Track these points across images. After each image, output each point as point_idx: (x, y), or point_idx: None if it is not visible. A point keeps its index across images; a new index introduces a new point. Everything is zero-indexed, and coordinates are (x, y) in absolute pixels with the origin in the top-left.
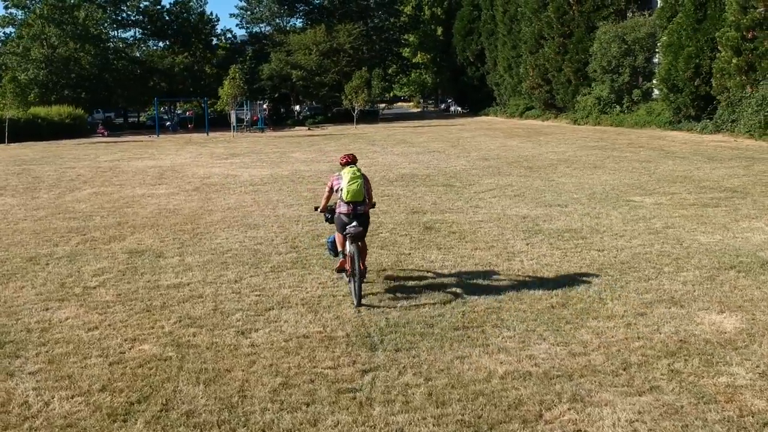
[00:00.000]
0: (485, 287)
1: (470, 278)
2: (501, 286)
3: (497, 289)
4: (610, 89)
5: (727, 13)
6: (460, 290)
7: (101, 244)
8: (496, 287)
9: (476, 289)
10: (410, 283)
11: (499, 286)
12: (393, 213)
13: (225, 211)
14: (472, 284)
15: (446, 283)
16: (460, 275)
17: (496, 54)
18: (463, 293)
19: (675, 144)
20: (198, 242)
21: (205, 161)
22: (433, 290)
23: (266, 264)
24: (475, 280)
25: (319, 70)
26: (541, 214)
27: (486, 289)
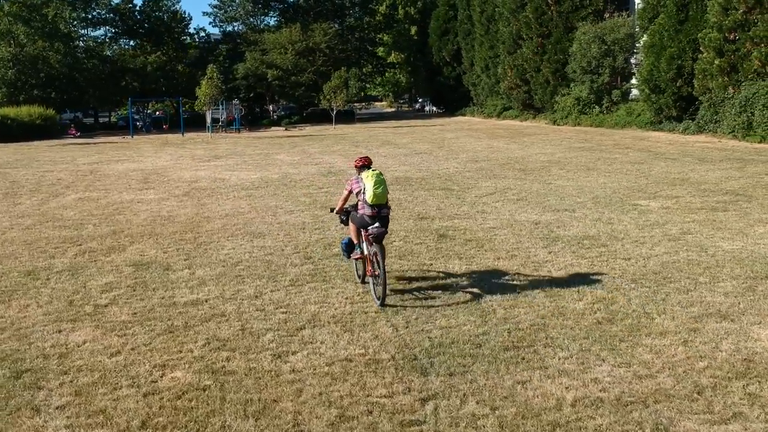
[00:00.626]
0: (521, 301)
1: (501, 291)
2: (537, 300)
3: (534, 303)
4: (590, 90)
5: (709, 14)
6: (494, 304)
7: (101, 256)
8: (533, 301)
9: (512, 303)
10: (439, 296)
11: (535, 299)
12: (400, 219)
13: (223, 218)
14: (506, 298)
15: (477, 295)
16: (489, 287)
17: (473, 54)
18: (499, 308)
19: (660, 145)
20: (204, 253)
21: (187, 164)
22: (465, 304)
23: (284, 277)
24: (506, 293)
25: (295, 69)
26: (552, 219)
27: (522, 304)
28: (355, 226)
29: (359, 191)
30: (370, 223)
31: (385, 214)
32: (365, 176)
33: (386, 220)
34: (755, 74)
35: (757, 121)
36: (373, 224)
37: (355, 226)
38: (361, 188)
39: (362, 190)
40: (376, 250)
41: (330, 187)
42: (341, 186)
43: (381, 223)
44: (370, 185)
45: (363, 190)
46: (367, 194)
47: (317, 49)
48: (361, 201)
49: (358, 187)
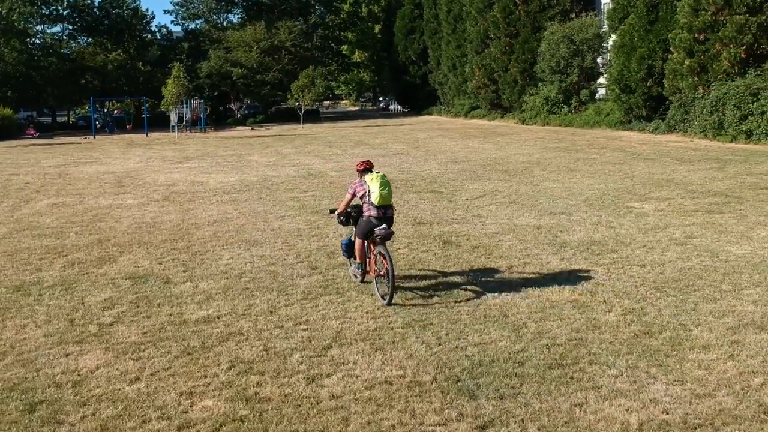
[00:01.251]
0: (550, 314)
1: (525, 302)
2: (566, 312)
3: (564, 315)
4: (559, 89)
5: (679, 15)
6: (523, 317)
7: (92, 268)
8: (561, 313)
9: (541, 315)
10: (462, 307)
11: (563, 311)
12: (397, 224)
13: (212, 225)
14: (533, 310)
15: (502, 307)
16: (512, 298)
17: (439, 53)
18: (529, 321)
19: (634, 145)
20: (202, 263)
21: (159, 166)
22: (494, 318)
23: (294, 290)
24: (532, 304)
25: (260, 68)
26: (552, 223)
27: (552, 316)
28: (361, 242)
29: (364, 194)
30: (376, 224)
31: (390, 215)
32: (369, 179)
33: (391, 220)
34: (725, 75)
35: (728, 121)
36: (379, 225)
37: (361, 242)
38: (365, 191)
39: (367, 192)
40: (382, 250)
41: (315, 190)
42: (326, 189)
43: (387, 224)
44: (376, 187)
45: (368, 192)
46: (373, 196)
47: (282, 47)
48: (366, 203)
49: (362, 190)
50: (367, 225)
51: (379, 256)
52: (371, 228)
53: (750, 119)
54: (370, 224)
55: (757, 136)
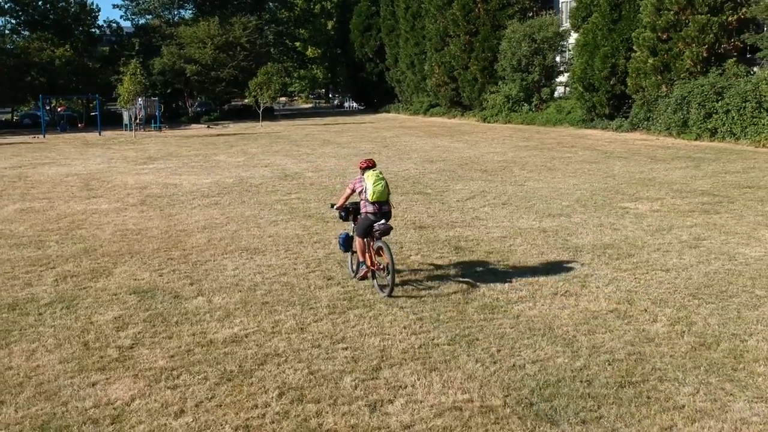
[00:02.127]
0: (596, 325)
1: (566, 312)
2: (611, 323)
3: (611, 326)
4: (520, 87)
5: (642, 14)
6: (570, 330)
7: (88, 281)
8: (607, 324)
9: (588, 327)
10: (500, 320)
11: (608, 322)
12: (397, 227)
13: (203, 232)
14: (577, 321)
15: (542, 318)
16: (550, 309)
17: (397, 51)
18: (578, 334)
19: (602, 143)
20: (207, 275)
21: (124, 167)
22: (540, 331)
23: (317, 303)
24: (573, 315)
25: (214, 64)
26: (555, 226)
27: (600, 329)
28: (362, 242)
29: (361, 190)
30: (374, 220)
31: (387, 210)
32: (367, 176)
33: (389, 215)
34: (687, 73)
35: (692, 119)
36: (377, 221)
37: (362, 242)
38: (363, 187)
39: (364, 188)
40: (381, 244)
41: (297, 193)
42: (308, 191)
43: (385, 219)
44: (371, 183)
45: (365, 189)
46: (368, 192)
47: (237, 43)
48: (363, 200)
49: (360, 186)
50: (365, 222)
51: (379, 250)
52: (370, 224)
53: (714, 117)
54: (368, 220)
55: (721, 134)
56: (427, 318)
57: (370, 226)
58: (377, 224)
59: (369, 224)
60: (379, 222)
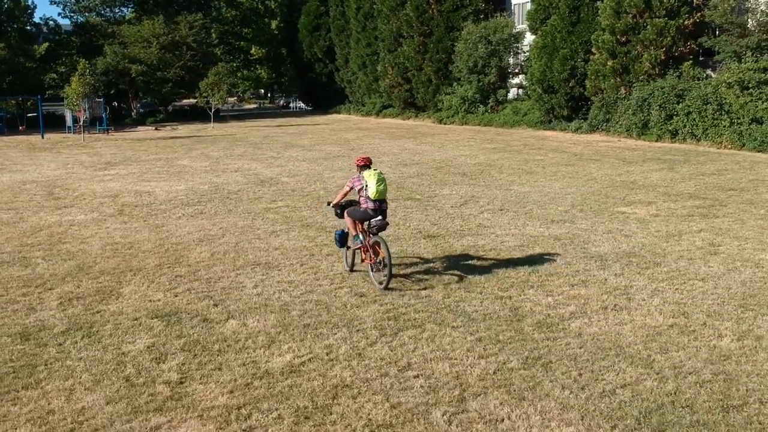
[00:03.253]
0: (666, 343)
1: (629, 328)
2: (676, 338)
3: (679, 343)
4: (476, 89)
5: (601, 17)
6: (640, 347)
7: (97, 304)
8: (674, 341)
9: (659, 345)
10: (569, 341)
11: (673, 338)
12: (405, 237)
13: (201, 245)
14: (644, 339)
15: (606, 336)
16: (608, 325)
17: (348, 51)
18: (650, 352)
19: (567, 144)
20: (227, 294)
21: (83, 173)
22: (612, 351)
23: (362, 324)
24: (635, 331)
25: (160, 64)
26: (565, 233)
27: (671, 346)
28: (352, 219)
29: (361, 188)
30: (372, 216)
31: (385, 208)
32: (367, 175)
33: (385, 213)
34: (646, 76)
35: (653, 121)
36: (375, 217)
37: (352, 219)
38: (362, 185)
39: (364, 186)
40: (378, 240)
41: (283, 200)
42: (293, 198)
43: (382, 216)
44: (373, 182)
45: (365, 187)
46: (370, 190)
47: (183, 43)
48: (363, 197)
49: (360, 184)
50: (362, 213)
51: (376, 245)
52: (366, 216)
53: (675, 119)
54: (367, 214)
55: (682, 135)
56: (486, 338)
57: (365, 218)
58: (374, 220)
59: (365, 216)
60: (376, 218)
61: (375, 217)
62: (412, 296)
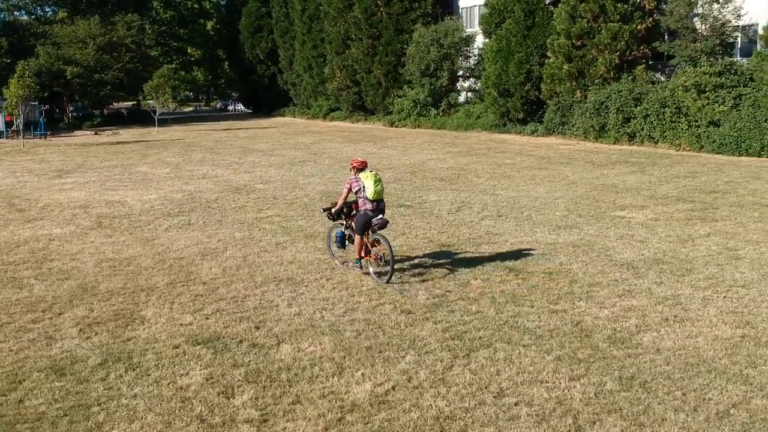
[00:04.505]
0: (749, 356)
1: (698, 342)
2: (763, 353)
3: (762, 357)
4: (429, 92)
5: (556, 21)
6: (726, 362)
7: (123, 330)
8: (759, 354)
9: (743, 359)
10: (653, 357)
11: (756, 350)
12: (420, 247)
13: (205, 260)
14: (721, 352)
15: (684, 350)
16: (678, 338)
17: (292, 53)
18: (742, 368)
19: (529, 147)
20: (263, 314)
21: (37, 181)
22: (699, 366)
23: (425, 345)
24: (713, 345)
25: (97, 66)
26: (579, 240)
27: (756, 359)
28: (361, 240)
29: (359, 189)
30: (372, 216)
31: (383, 207)
32: (364, 176)
33: (384, 211)
34: (601, 79)
35: (611, 124)
36: (375, 217)
37: (361, 240)
38: (360, 186)
39: (362, 188)
40: (379, 237)
41: (270, 208)
42: (279, 206)
43: (381, 214)
44: (371, 183)
45: (363, 188)
46: (368, 191)
47: (122, 44)
48: (361, 198)
49: (357, 186)
50: (363, 218)
51: (376, 242)
52: (368, 220)
53: (633, 122)
54: (367, 217)
55: (640, 138)
56: (565, 357)
57: (368, 222)
58: (375, 219)
59: (367, 220)
60: (376, 217)
61: (374, 217)
62: (462, 312)
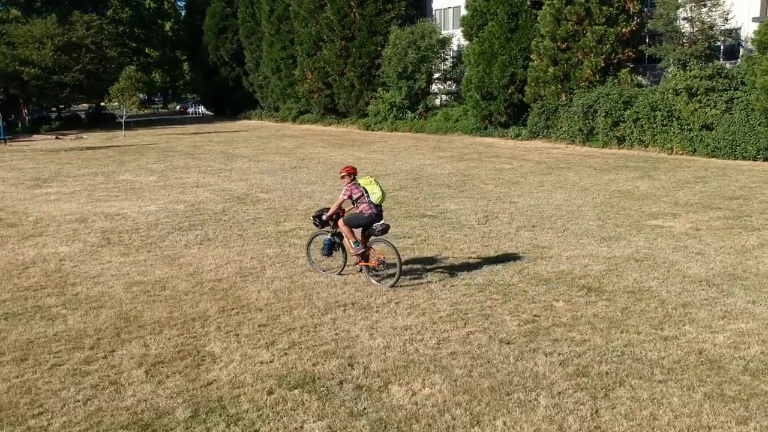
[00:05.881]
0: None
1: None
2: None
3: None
4: (406, 94)
5: (540, 24)
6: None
7: (195, 371)
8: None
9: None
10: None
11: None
12: (474, 264)
13: (247, 281)
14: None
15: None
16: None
17: (259, 54)
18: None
19: (519, 151)
20: (349, 349)
21: (17, 192)
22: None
23: (553, 384)
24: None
25: (56, 67)
26: (635, 253)
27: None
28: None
29: (360, 195)
30: (376, 220)
31: (382, 211)
32: (364, 182)
33: (382, 215)
34: (587, 82)
35: (599, 127)
36: (378, 221)
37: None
38: (361, 192)
39: (364, 194)
40: (383, 242)
41: (287, 221)
42: (295, 218)
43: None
44: (376, 188)
45: (365, 193)
46: (374, 196)
47: (81, 44)
48: (365, 203)
49: (359, 192)
50: (367, 218)
51: (379, 248)
52: (371, 221)
53: (622, 126)
54: (371, 219)
55: (629, 141)
56: (714, 396)
57: (369, 224)
58: (377, 224)
59: (370, 222)
60: (379, 222)
61: (377, 221)
62: (568, 342)
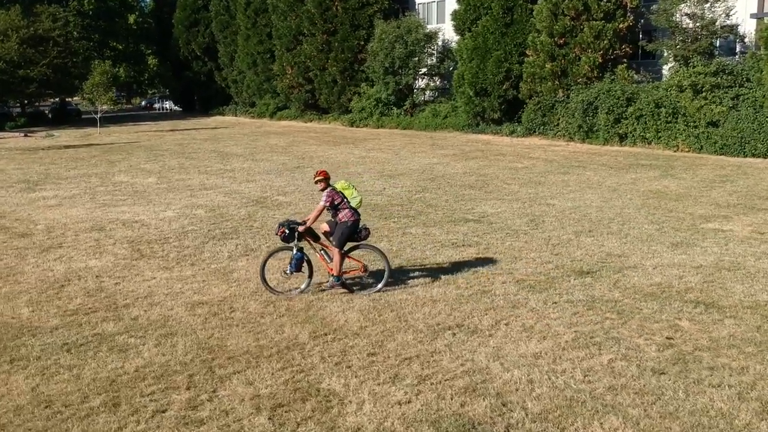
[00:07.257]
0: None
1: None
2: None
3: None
4: (393, 90)
5: (536, 19)
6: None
7: (326, 415)
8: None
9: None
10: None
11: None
12: (560, 277)
13: (320, 300)
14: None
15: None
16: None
17: (233, 49)
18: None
19: (521, 149)
20: (484, 383)
21: (10, 197)
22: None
23: (749, 426)
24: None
25: (22, 61)
26: (718, 261)
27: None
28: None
29: (341, 201)
30: (359, 225)
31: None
32: (341, 187)
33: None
34: (585, 78)
35: (600, 124)
36: (361, 226)
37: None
38: (341, 198)
39: (344, 200)
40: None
41: None
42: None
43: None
44: (354, 192)
45: (345, 199)
46: (354, 201)
47: (48, 37)
48: (347, 209)
49: (339, 197)
50: (348, 230)
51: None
52: (355, 230)
53: (624, 123)
54: (354, 228)
55: (632, 138)
56: None
57: (354, 232)
58: (362, 228)
59: (353, 230)
60: (363, 227)
61: (361, 226)
62: (729, 371)
